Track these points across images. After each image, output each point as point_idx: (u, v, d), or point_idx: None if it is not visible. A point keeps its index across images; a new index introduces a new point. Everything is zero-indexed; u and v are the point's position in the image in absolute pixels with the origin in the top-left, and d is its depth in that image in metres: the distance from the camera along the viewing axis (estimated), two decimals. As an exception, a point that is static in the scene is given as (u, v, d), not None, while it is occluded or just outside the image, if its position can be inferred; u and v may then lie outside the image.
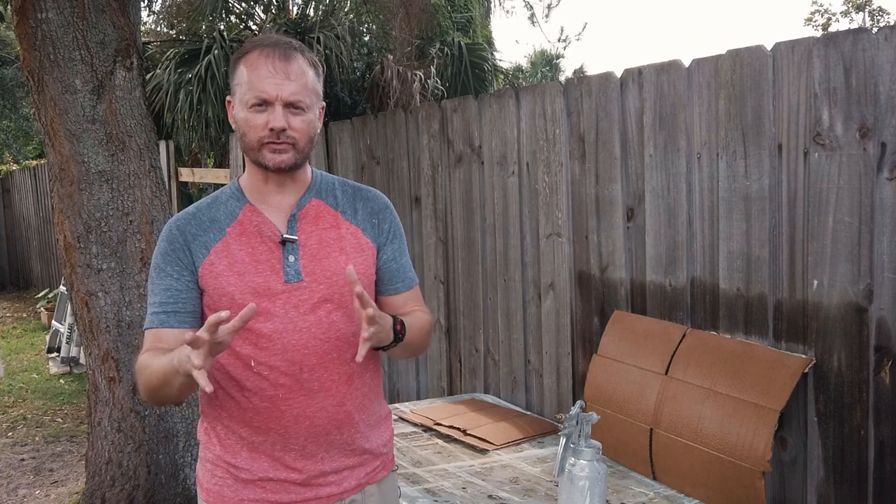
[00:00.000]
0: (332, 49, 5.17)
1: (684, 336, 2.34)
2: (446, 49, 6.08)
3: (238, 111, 1.39)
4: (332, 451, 1.45)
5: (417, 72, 5.32)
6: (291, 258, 1.40)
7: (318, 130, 1.44)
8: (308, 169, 1.49)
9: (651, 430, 2.28)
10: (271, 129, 1.35)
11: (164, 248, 1.43)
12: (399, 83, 5.25)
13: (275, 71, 1.35)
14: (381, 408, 1.56)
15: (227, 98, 1.44)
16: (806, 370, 2.04)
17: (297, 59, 1.38)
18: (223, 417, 1.44)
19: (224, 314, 1.15)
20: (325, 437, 1.44)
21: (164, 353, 1.34)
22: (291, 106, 1.36)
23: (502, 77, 7.13)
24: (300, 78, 1.37)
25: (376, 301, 1.54)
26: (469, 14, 6.74)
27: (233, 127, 1.42)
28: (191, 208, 1.46)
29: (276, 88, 1.34)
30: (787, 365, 2.06)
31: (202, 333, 1.15)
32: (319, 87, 1.43)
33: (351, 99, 5.39)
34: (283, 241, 1.41)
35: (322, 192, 1.48)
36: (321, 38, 5.16)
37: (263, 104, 1.35)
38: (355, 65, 5.47)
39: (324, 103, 1.45)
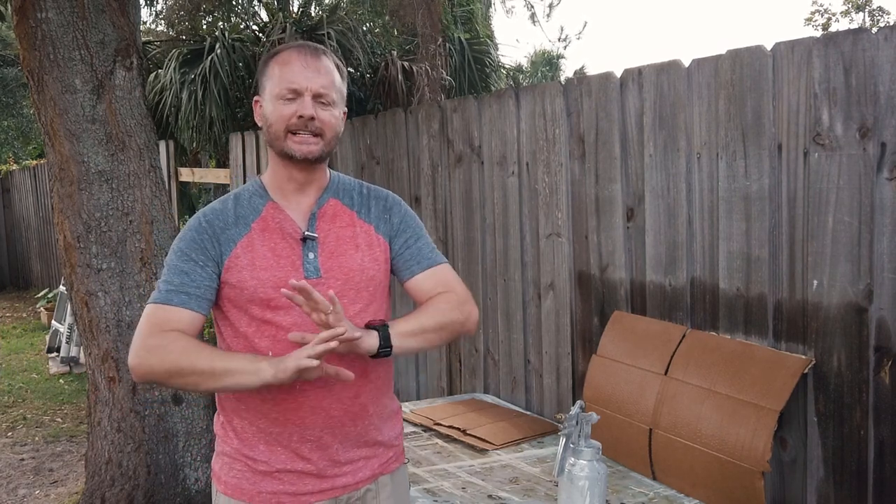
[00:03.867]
0: (344, 44, 5.18)
1: (684, 337, 2.34)
2: (448, 45, 6.08)
3: (267, 104, 1.46)
4: (347, 443, 1.50)
5: (423, 63, 5.32)
6: (311, 255, 1.46)
7: (342, 130, 1.51)
8: (326, 171, 1.56)
9: (650, 430, 2.28)
10: (300, 117, 1.41)
11: (191, 236, 1.46)
12: (404, 78, 5.26)
13: (306, 65, 1.43)
14: (392, 402, 1.61)
15: (255, 98, 1.51)
16: (805, 371, 2.04)
17: (326, 59, 1.48)
18: (241, 410, 1.48)
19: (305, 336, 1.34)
20: (341, 428, 1.48)
21: (201, 344, 1.39)
22: (320, 98, 1.43)
23: (504, 72, 7.12)
24: (328, 74, 1.46)
25: (404, 290, 1.59)
26: (470, 8, 6.74)
27: (259, 124, 1.50)
28: (217, 204, 1.52)
29: (306, 80, 1.42)
30: (786, 365, 2.06)
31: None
32: (344, 90, 1.51)
33: (363, 94, 5.40)
34: (304, 239, 1.47)
35: (339, 192, 1.55)
36: (332, 32, 5.16)
37: (293, 94, 1.42)
38: (374, 51, 5.48)
39: (346, 109, 1.53)
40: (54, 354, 6.33)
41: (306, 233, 1.47)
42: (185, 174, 5.89)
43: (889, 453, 1.95)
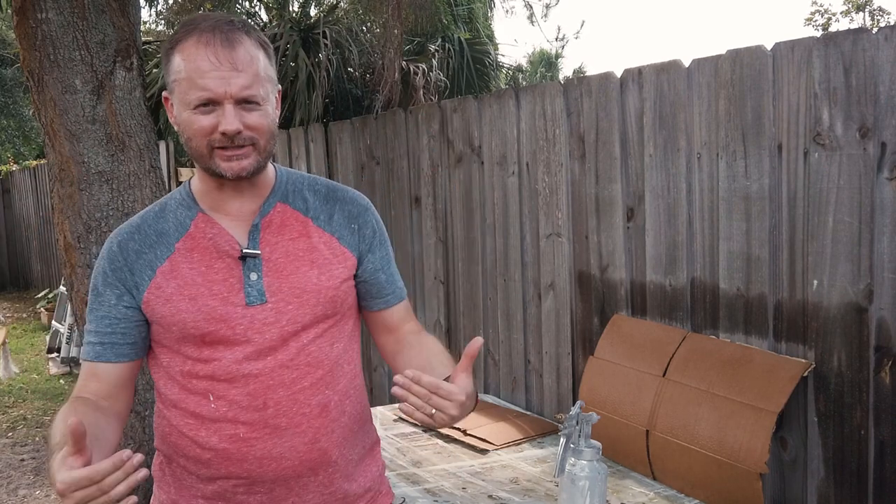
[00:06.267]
0: (339, 44, 5.18)
1: (683, 340, 2.34)
2: (447, 45, 6.08)
3: (179, 112, 1.15)
4: (307, 496, 1.24)
5: (420, 64, 5.33)
6: (254, 276, 1.19)
7: (278, 121, 1.21)
8: (270, 168, 1.27)
9: (647, 431, 2.28)
10: (223, 134, 1.12)
11: (103, 267, 1.22)
12: (400, 78, 5.26)
13: (218, 62, 1.11)
14: (366, 437, 1.34)
15: (164, 94, 1.20)
16: (805, 374, 2.04)
17: (244, 43, 1.13)
18: (178, 457, 1.26)
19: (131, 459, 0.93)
20: (297, 480, 1.22)
21: (84, 406, 1.15)
22: (244, 102, 1.13)
23: (504, 72, 7.12)
24: (250, 66, 1.13)
25: (365, 318, 1.37)
26: (470, 6, 6.73)
27: (175, 128, 1.19)
28: (135, 219, 1.25)
29: (222, 84, 1.11)
30: (785, 368, 2.06)
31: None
32: (273, 71, 1.20)
33: (361, 92, 5.40)
34: (244, 257, 1.20)
35: (289, 194, 1.26)
36: (327, 32, 5.16)
37: (209, 104, 1.12)
38: (372, 50, 5.48)
39: (280, 87, 1.23)
40: (54, 355, 6.33)
41: (245, 250, 1.19)
42: (185, 174, 5.89)
43: (889, 453, 1.95)
